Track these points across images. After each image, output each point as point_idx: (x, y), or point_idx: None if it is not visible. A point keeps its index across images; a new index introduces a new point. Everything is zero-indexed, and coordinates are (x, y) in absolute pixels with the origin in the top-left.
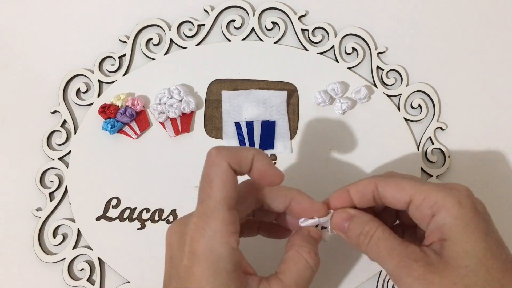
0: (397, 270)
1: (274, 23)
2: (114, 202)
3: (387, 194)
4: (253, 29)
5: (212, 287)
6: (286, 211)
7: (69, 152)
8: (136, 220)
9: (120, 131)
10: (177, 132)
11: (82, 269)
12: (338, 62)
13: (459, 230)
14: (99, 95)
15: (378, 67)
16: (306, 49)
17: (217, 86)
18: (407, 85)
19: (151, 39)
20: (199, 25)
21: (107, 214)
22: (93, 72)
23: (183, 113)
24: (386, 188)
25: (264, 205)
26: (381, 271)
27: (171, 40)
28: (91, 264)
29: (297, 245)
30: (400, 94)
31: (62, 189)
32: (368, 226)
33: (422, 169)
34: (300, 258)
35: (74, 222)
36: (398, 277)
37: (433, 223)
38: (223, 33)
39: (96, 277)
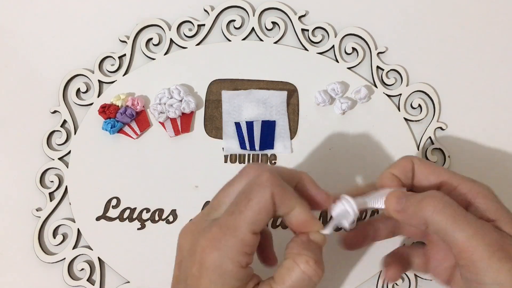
0: (474, 240)
1: (274, 23)
2: (114, 202)
3: (420, 173)
4: (253, 29)
5: None
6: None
7: (69, 152)
8: (136, 220)
9: (120, 131)
10: (177, 132)
11: (82, 269)
12: (338, 62)
13: (505, 212)
14: (99, 95)
15: (378, 67)
16: (306, 49)
17: (217, 86)
18: (407, 85)
19: (151, 39)
20: (199, 25)
21: (107, 214)
22: (93, 72)
23: (183, 113)
24: (420, 168)
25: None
26: (381, 271)
27: (171, 40)
28: (91, 264)
29: (294, 253)
30: (400, 94)
31: (62, 189)
32: (428, 194)
33: None
34: (295, 268)
35: (74, 222)
36: (475, 247)
37: (475, 209)
38: (223, 33)
39: (96, 277)
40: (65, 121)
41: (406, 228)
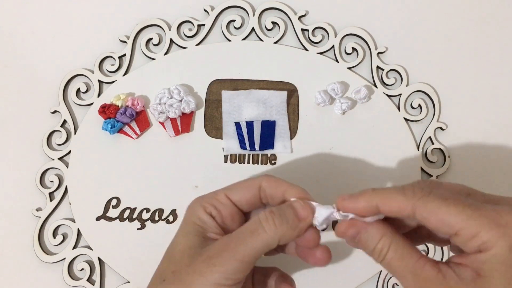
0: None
1: (274, 23)
2: (114, 202)
3: (428, 224)
4: (253, 29)
5: (178, 233)
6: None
7: (69, 152)
8: (136, 220)
9: (120, 131)
10: (177, 132)
11: (82, 269)
12: (338, 62)
13: (500, 276)
14: (99, 95)
15: (378, 67)
16: (306, 49)
17: (217, 86)
18: (407, 85)
19: (151, 39)
20: (199, 25)
21: (107, 214)
22: (93, 72)
23: (183, 113)
24: (427, 219)
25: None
26: (381, 271)
27: (171, 40)
28: (91, 264)
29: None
30: (400, 94)
31: (62, 189)
32: (380, 244)
33: (422, 169)
34: (254, 218)
35: (74, 222)
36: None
37: (476, 255)
38: (223, 33)
39: (96, 277)
40: (65, 121)
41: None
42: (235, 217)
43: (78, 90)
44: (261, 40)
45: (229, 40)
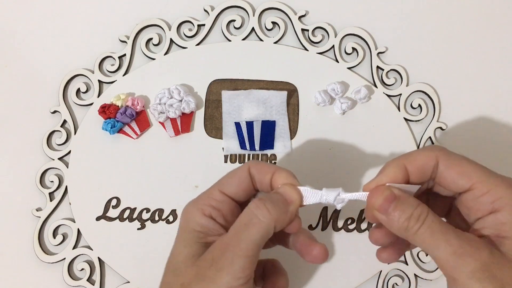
0: (454, 257)
1: (274, 23)
2: (114, 202)
3: (447, 175)
4: (253, 29)
5: (178, 241)
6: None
7: (69, 152)
8: (136, 220)
9: (120, 131)
10: (177, 132)
11: (82, 269)
12: (338, 62)
13: None
14: (99, 95)
15: (378, 67)
16: (306, 49)
17: (217, 86)
18: (407, 85)
19: (151, 39)
20: (199, 25)
21: (107, 214)
22: (93, 72)
23: (183, 113)
24: (448, 168)
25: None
26: (381, 271)
27: (171, 40)
28: (91, 264)
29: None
30: (400, 94)
31: (62, 189)
32: (418, 209)
33: None
34: (245, 210)
35: (74, 222)
36: (453, 266)
37: (492, 218)
38: (223, 33)
39: (96, 277)
40: (65, 121)
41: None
42: (235, 211)
43: (78, 90)
44: (261, 40)
45: (229, 40)
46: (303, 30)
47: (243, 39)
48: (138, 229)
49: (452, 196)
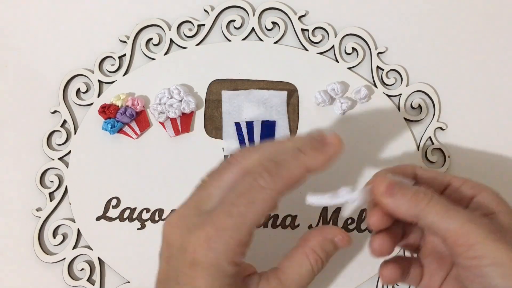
0: (469, 224)
1: (274, 23)
2: (114, 202)
3: (425, 176)
4: (253, 29)
5: None
6: None
7: (69, 152)
8: (136, 220)
9: (120, 131)
10: (177, 132)
11: (82, 269)
12: (338, 62)
13: (505, 207)
14: (99, 95)
15: (378, 67)
16: (306, 49)
17: (217, 86)
18: (407, 85)
19: (151, 39)
20: (199, 25)
21: (107, 214)
22: (93, 72)
23: (183, 113)
24: (425, 171)
25: None
26: None
27: (171, 40)
28: (91, 264)
29: (309, 247)
30: (400, 94)
31: (62, 189)
32: (422, 188)
33: None
34: (305, 263)
35: (74, 222)
36: (468, 232)
37: (475, 202)
38: (223, 33)
39: (96, 277)
40: (65, 121)
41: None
42: None
43: (78, 90)
44: (261, 40)
45: (229, 40)
46: (303, 30)
47: (243, 39)
48: (138, 229)
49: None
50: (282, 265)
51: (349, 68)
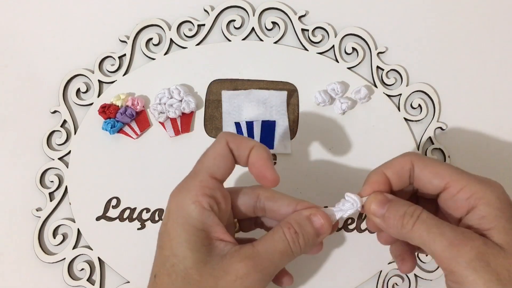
0: (450, 249)
1: (274, 23)
2: (114, 202)
3: (422, 176)
4: (253, 29)
5: (180, 241)
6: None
7: (69, 152)
8: (136, 220)
9: (120, 131)
10: (177, 132)
11: (82, 269)
12: (338, 62)
13: (503, 221)
14: (99, 95)
15: (378, 67)
16: (306, 49)
17: (217, 86)
18: (407, 85)
19: (151, 39)
20: (199, 25)
21: (107, 214)
22: (93, 72)
23: (183, 113)
24: (422, 170)
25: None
26: (381, 271)
27: (171, 40)
28: (91, 264)
29: (284, 221)
30: (400, 94)
31: (62, 189)
32: (411, 208)
33: None
34: (278, 230)
35: (74, 222)
36: (450, 257)
37: (471, 216)
38: (223, 33)
39: (96, 277)
40: (65, 121)
41: None
42: (225, 195)
43: (78, 90)
44: (261, 40)
45: (229, 40)
46: (303, 30)
47: (243, 39)
48: (138, 229)
49: (435, 198)
50: (259, 238)
51: (349, 68)
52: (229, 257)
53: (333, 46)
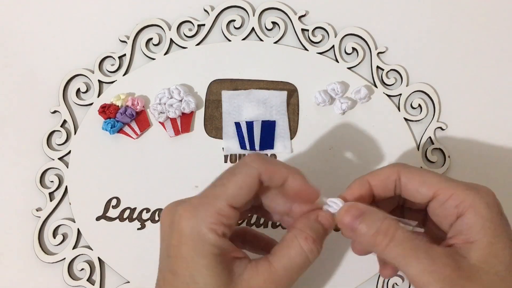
0: (425, 275)
1: (274, 23)
2: (114, 202)
3: (409, 186)
4: (253, 29)
5: (198, 268)
6: (280, 195)
7: (69, 152)
8: (136, 220)
9: (120, 131)
10: (177, 132)
11: (82, 269)
12: (338, 62)
13: (489, 233)
14: (99, 95)
15: (378, 67)
16: (306, 49)
17: (217, 86)
18: (407, 85)
19: (151, 39)
20: (199, 25)
21: (107, 214)
22: (93, 72)
23: (183, 113)
24: (410, 180)
25: (263, 198)
26: None
27: (171, 40)
28: (91, 264)
29: (297, 229)
30: (400, 94)
31: (62, 189)
32: (385, 224)
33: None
34: (294, 243)
35: (74, 222)
36: (424, 284)
37: (459, 223)
38: (223, 33)
39: (96, 277)
40: (65, 121)
41: None
42: (237, 217)
43: (78, 90)
44: (261, 40)
45: (229, 40)
46: (303, 30)
47: (243, 39)
48: (138, 229)
49: (424, 208)
50: (273, 250)
51: (349, 68)
52: (247, 277)
53: (333, 46)
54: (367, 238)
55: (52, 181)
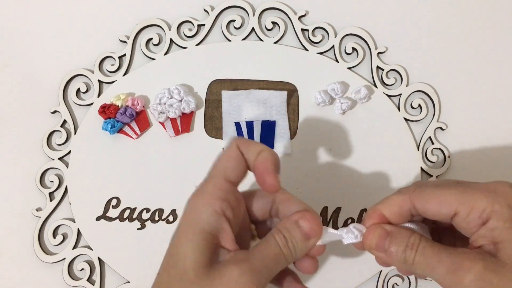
0: (449, 275)
1: (274, 23)
2: (114, 202)
3: (428, 210)
4: (253, 29)
5: (185, 241)
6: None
7: (69, 152)
8: (136, 220)
9: (120, 131)
10: (177, 132)
11: (82, 269)
12: (338, 62)
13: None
14: (99, 95)
15: (378, 67)
16: (306, 49)
17: (217, 86)
18: (407, 85)
19: (151, 39)
20: (199, 25)
21: (107, 214)
22: (93, 72)
23: (183, 113)
24: (426, 205)
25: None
26: (381, 271)
27: (171, 40)
28: (91, 264)
29: (276, 228)
30: (400, 94)
31: (62, 189)
32: (412, 239)
33: (422, 169)
34: (272, 242)
35: (74, 222)
36: (450, 284)
37: (484, 229)
38: (223, 33)
39: (96, 277)
40: (65, 121)
41: None
42: (237, 197)
43: (78, 90)
44: (261, 40)
45: (229, 40)
46: (303, 30)
47: (243, 39)
48: (138, 229)
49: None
50: (255, 246)
51: (349, 68)
52: (225, 261)
53: (333, 46)
54: (398, 257)
55: (52, 181)
